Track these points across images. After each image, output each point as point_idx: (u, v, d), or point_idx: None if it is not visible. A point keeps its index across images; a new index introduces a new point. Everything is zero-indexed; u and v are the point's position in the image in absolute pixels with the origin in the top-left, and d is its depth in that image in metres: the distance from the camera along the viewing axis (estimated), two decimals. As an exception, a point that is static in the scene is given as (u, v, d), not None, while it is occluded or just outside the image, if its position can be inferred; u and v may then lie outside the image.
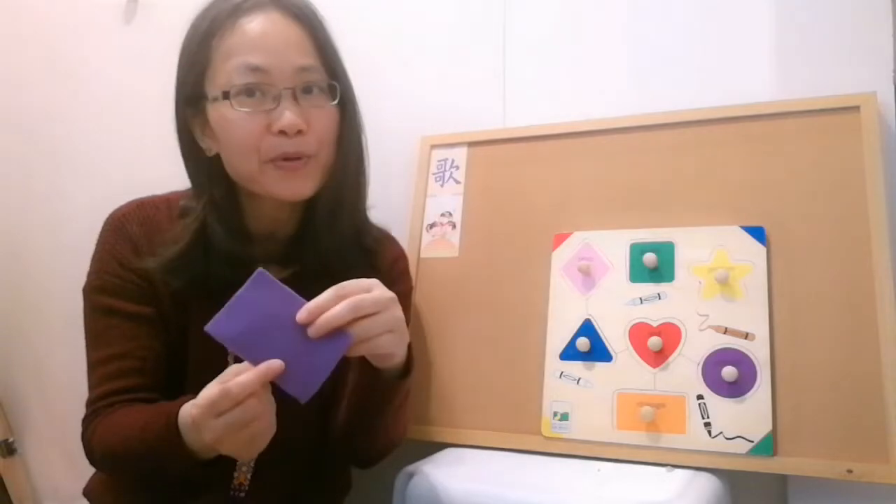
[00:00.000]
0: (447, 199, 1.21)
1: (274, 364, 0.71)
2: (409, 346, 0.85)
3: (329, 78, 0.90)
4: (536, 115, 1.18)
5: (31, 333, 1.60)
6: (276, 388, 0.73)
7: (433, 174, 1.23)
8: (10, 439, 1.56)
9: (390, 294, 0.78)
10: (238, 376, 0.71)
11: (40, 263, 1.60)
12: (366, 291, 0.76)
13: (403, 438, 0.98)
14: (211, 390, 0.72)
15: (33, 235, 1.63)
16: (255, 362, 0.72)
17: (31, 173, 1.65)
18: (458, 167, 1.22)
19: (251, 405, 0.71)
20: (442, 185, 1.22)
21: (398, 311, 0.78)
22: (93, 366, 0.92)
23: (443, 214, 1.20)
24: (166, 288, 0.91)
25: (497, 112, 1.23)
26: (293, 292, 0.75)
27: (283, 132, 0.85)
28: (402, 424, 0.96)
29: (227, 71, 0.86)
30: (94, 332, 0.93)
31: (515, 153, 1.18)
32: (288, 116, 0.85)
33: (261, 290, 0.74)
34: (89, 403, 0.91)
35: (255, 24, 0.87)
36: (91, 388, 0.92)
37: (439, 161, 1.24)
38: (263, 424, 0.72)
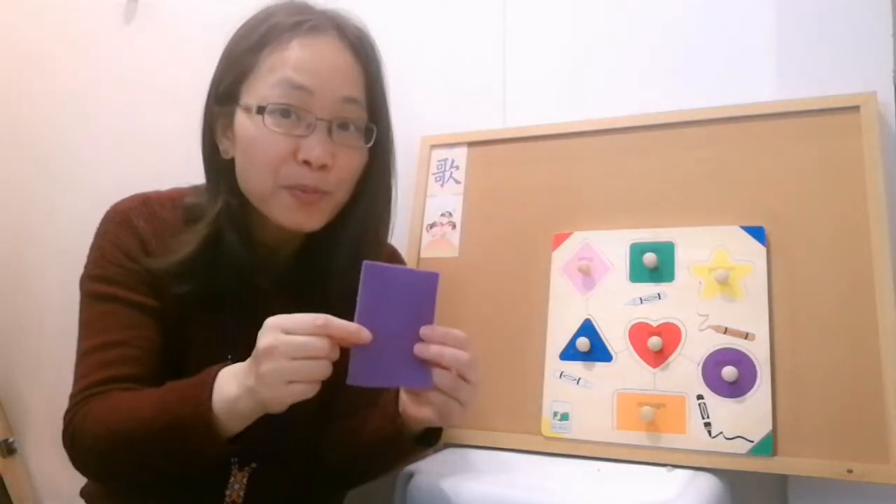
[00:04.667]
0: (447, 199, 1.21)
1: (364, 333, 0.70)
2: None
3: (369, 118, 0.88)
4: (536, 115, 1.18)
5: (31, 333, 1.60)
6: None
7: (433, 174, 1.23)
8: (10, 439, 1.56)
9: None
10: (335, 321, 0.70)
11: (40, 263, 1.60)
12: (474, 362, 0.75)
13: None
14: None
15: (33, 235, 1.63)
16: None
17: (29, 173, 1.65)
18: (458, 167, 1.22)
19: (317, 342, 0.69)
20: (442, 185, 1.22)
21: (477, 392, 0.77)
22: (85, 354, 0.84)
23: (443, 214, 1.20)
24: (170, 293, 0.86)
25: (497, 112, 1.23)
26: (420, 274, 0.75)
27: (307, 162, 0.82)
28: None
29: (269, 83, 0.83)
30: (91, 320, 0.86)
31: (515, 153, 1.18)
32: (318, 150, 0.82)
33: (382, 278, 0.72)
34: (78, 393, 0.82)
35: (311, 46, 0.84)
36: (81, 377, 0.83)
37: (439, 161, 1.24)
38: (315, 369, 0.70)
